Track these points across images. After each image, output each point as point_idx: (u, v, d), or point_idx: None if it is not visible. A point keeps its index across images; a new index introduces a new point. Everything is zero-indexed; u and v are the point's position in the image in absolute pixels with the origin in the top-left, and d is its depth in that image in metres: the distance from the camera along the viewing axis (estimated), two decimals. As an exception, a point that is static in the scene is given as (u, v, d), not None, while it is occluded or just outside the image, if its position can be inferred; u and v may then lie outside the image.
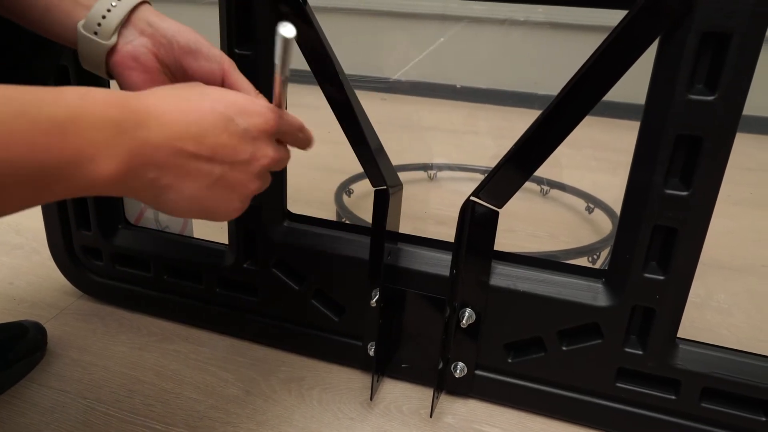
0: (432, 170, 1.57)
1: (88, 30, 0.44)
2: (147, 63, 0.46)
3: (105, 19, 0.44)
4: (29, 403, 0.69)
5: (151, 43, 0.46)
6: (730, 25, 0.49)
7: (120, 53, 0.45)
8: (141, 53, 0.46)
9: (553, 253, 1.07)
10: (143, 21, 0.46)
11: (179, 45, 0.47)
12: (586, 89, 0.55)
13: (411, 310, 0.71)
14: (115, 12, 0.45)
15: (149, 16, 0.46)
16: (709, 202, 0.55)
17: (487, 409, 0.71)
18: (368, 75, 2.45)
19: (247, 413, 0.69)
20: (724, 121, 0.52)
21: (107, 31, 0.44)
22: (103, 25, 0.44)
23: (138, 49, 0.45)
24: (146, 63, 0.46)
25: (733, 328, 0.90)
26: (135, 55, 0.45)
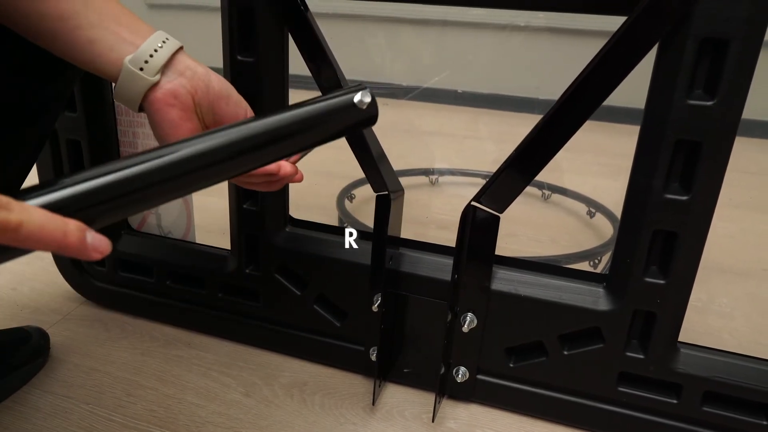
0: (433, 175, 1.57)
1: (134, 65, 0.47)
2: (185, 101, 0.49)
3: (152, 57, 0.48)
4: (32, 409, 0.69)
5: (190, 84, 0.49)
6: (728, 31, 0.49)
7: (162, 89, 0.48)
8: (181, 92, 0.49)
9: (555, 258, 1.07)
10: (182, 64, 0.49)
11: (214, 90, 0.51)
12: (586, 94, 0.55)
13: (413, 315, 0.71)
14: (162, 52, 0.48)
15: (188, 61, 0.50)
16: (709, 206, 0.56)
17: (489, 414, 0.71)
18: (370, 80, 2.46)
19: (249, 418, 0.69)
20: (723, 125, 0.52)
21: (154, 68, 0.48)
22: (150, 63, 0.47)
23: (178, 89, 0.49)
24: (185, 101, 0.49)
25: (734, 332, 0.90)
26: (176, 93, 0.49)
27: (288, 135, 0.40)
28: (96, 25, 0.47)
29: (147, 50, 0.48)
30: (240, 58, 0.66)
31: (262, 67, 0.66)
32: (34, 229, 0.28)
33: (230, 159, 0.37)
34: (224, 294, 0.80)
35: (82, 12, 0.47)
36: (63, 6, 0.46)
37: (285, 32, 0.65)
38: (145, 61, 0.47)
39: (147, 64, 0.48)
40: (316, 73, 0.65)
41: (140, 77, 0.48)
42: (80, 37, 0.47)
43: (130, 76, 0.48)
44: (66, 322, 0.86)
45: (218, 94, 0.51)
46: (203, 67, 0.50)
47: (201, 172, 0.36)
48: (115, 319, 0.87)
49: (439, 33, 2.51)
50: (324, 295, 0.75)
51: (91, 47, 0.47)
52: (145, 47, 0.48)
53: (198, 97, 0.50)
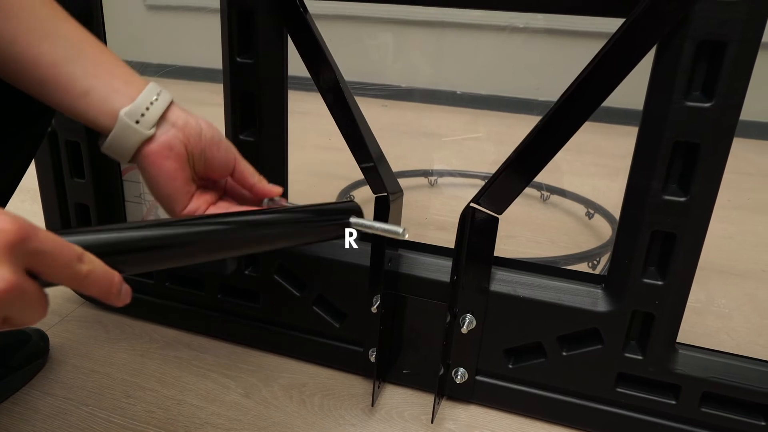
0: (432, 176, 1.57)
1: (130, 118, 0.47)
2: (179, 153, 0.50)
3: (148, 110, 0.48)
4: (31, 410, 0.69)
5: (183, 135, 0.50)
6: (725, 33, 0.50)
7: (157, 142, 0.49)
8: (175, 144, 0.49)
9: (553, 259, 1.07)
10: (175, 115, 0.50)
11: (206, 138, 0.51)
12: (585, 95, 0.56)
13: (412, 316, 0.71)
14: (157, 105, 0.49)
15: (180, 112, 0.50)
16: (707, 207, 0.56)
17: (488, 415, 0.71)
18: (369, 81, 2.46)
19: (248, 420, 0.69)
20: (721, 127, 0.53)
21: (150, 121, 0.48)
22: (147, 116, 0.48)
23: (173, 140, 0.49)
24: (179, 153, 0.50)
25: (732, 333, 0.91)
26: (171, 146, 0.49)
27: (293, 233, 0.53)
28: (90, 74, 0.47)
29: (143, 103, 0.48)
30: (239, 59, 0.66)
31: (261, 68, 0.66)
32: (95, 278, 0.35)
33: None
34: (223, 295, 0.80)
35: (76, 59, 0.47)
36: (58, 52, 0.46)
37: (284, 34, 0.65)
38: (142, 114, 0.48)
39: (143, 117, 0.48)
40: (315, 75, 0.65)
41: (136, 130, 0.48)
42: (74, 86, 0.47)
43: (126, 129, 0.48)
44: (65, 323, 0.86)
45: (209, 141, 0.51)
46: (194, 117, 0.51)
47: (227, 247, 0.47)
48: (114, 321, 0.87)
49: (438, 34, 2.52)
50: (323, 296, 0.75)
51: (85, 98, 0.47)
52: (141, 100, 0.48)
53: (190, 147, 0.50)
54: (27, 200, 1.31)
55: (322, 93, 0.65)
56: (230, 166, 0.54)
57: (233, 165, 0.54)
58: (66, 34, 0.47)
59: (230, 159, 0.54)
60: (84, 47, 0.48)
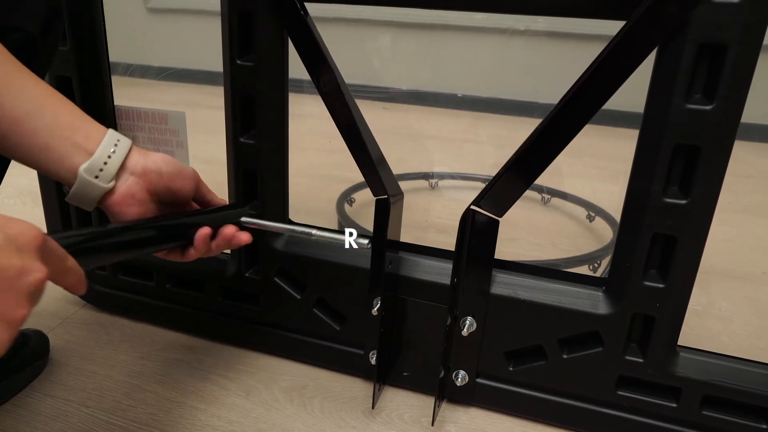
0: (433, 179, 1.57)
1: (89, 174, 0.49)
2: (141, 198, 0.52)
3: (106, 164, 0.50)
4: (32, 412, 0.69)
5: (143, 180, 0.52)
6: (725, 36, 0.50)
7: (119, 193, 0.51)
8: (136, 191, 0.52)
9: (554, 262, 1.07)
10: (133, 162, 0.51)
11: (168, 174, 0.53)
12: (585, 98, 0.56)
13: (412, 319, 0.71)
14: (115, 158, 0.50)
15: (137, 158, 0.52)
16: (708, 210, 0.56)
17: (489, 417, 0.71)
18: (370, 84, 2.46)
19: (249, 422, 0.69)
20: (722, 130, 0.53)
21: (108, 175, 0.50)
22: (105, 170, 0.50)
23: (133, 188, 0.51)
24: (141, 198, 0.52)
25: (733, 336, 0.91)
26: (132, 193, 0.51)
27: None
28: (52, 130, 0.48)
29: (101, 158, 0.49)
30: (240, 62, 0.66)
31: (261, 71, 0.66)
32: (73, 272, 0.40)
33: None
34: (224, 298, 0.80)
35: (37, 114, 0.47)
36: (20, 107, 0.47)
37: (284, 36, 0.65)
38: (100, 170, 0.49)
39: (102, 172, 0.49)
40: (315, 78, 0.65)
41: (96, 185, 0.49)
42: (35, 142, 0.48)
43: (86, 185, 0.49)
44: (66, 325, 0.86)
45: (171, 176, 0.54)
46: (151, 159, 0.53)
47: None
48: (115, 323, 0.87)
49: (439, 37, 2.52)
50: (323, 299, 0.75)
51: (46, 154, 0.48)
52: (98, 155, 0.49)
53: (152, 188, 0.53)
54: (28, 203, 1.31)
55: (322, 95, 0.65)
56: (193, 192, 0.57)
57: (195, 190, 0.57)
58: (28, 89, 0.48)
59: (192, 186, 0.57)
60: (45, 102, 0.48)
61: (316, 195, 1.45)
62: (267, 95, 0.68)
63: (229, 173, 0.73)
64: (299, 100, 0.85)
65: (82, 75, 0.74)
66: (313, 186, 1.51)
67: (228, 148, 0.71)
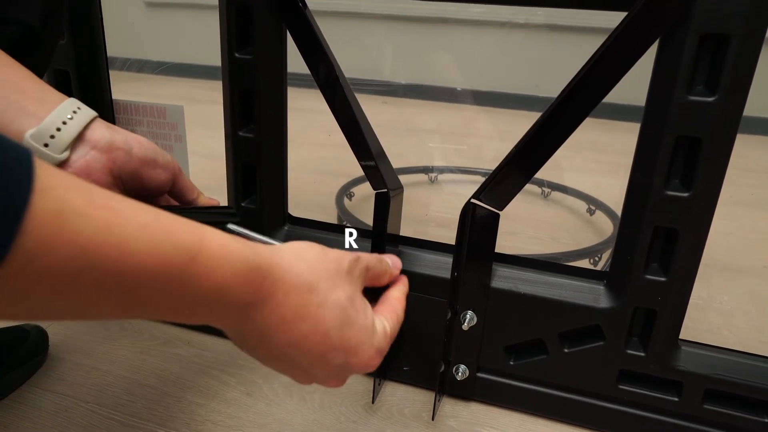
0: (433, 173, 1.57)
1: (37, 141, 0.42)
2: (101, 179, 0.44)
3: (59, 131, 0.42)
4: (32, 407, 0.69)
5: (106, 158, 0.44)
6: (728, 26, 0.49)
7: (72, 168, 0.43)
8: (94, 168, 0.44)
9: (555, 255, 1.07)
10: (97, 134, 0.44)
11: (137, 156, 0.46)
12: (586, 91, 0.55)
13: (412, 313, 0.71)
14: (71, 126, 0.43)
15: (102, 131, 0.45)
16: (709, 203, 0.55)
17: (489, 412, 0.71)
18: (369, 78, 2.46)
19: (249, 417, 0.69)
20: (724, 122, 0.52)
21: (60, 144, 0.42)
22: (57, 138, 0.42)
23: (91, 164, 0.44)
24: (100, 179, 0.44)
25: (735, 330, 0.90)
26: (88, 171, 0.44)
27: None
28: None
29: (53, 123, 0.42)
30: (238, 55, 0.66)
31: (260, 64, 0.66)
32: None
33: None
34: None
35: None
36: None
37: (283, 30, 0.65)
38: (51, 136, 0.42)
39: (53, 140, 0.42)
40: (314, 71, 0.65)
41: (44, 155, 0.42)
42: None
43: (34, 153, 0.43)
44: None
45: (142, 160, 0.47)
46: (122, 134, 0.46)
47: None
48: (114, 318, 0.87)
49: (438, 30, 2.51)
50: (323, 294, 0.75)
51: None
52: (50, 120, 0.42)
53: (117, 169, 0.45)
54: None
55: (321, 89, 0.65)
56: (167, 185, 0.50)
57: (170, 183, 0.50)
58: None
59: (166, 178, 0.50)
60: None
61: (315, 189, 1.44)
62: (266, 89, 0.67)
63: (228, 168, 0.73)
64: (298, 94, 0.85)
65: (80, 69, 0.74)
66: (313, 180, 1.51)
67: (227, 142, 0.71)
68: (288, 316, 0.36)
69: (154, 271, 0.28)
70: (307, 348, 0.38)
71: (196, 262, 0.30)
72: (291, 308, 0.36)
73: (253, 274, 0.34)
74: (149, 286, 0.29)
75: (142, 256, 0.28)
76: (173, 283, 0.30)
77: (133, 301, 0.29)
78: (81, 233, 0.25)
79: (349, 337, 0.40)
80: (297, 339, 0.37)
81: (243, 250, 0.34)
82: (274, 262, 0.36)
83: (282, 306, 0.36)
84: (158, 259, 0.29)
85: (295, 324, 0.37)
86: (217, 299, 0.32)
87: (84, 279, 0.26)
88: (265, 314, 0.35)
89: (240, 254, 0.33)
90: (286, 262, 0.37)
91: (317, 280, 0.38)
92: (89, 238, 0.26)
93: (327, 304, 0.38)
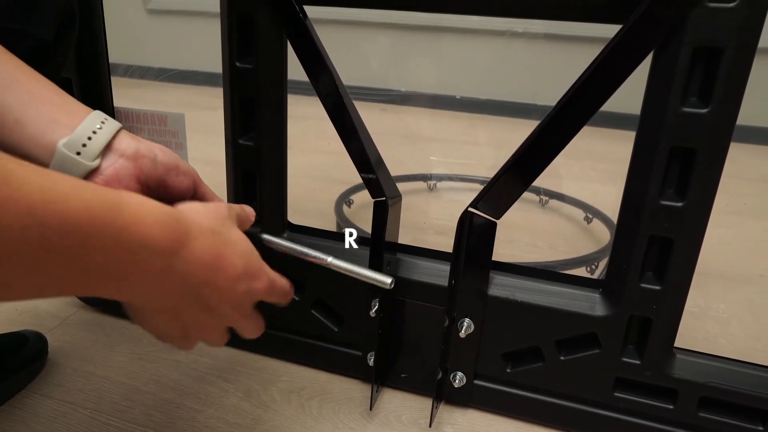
0: (431, 181, 1.58)
1: (70, 149, 0.44)
2: (130, 186, 0.47)
3: (90, 140, 0.45)
4: (30, 413, 0.69)
5: (133, 165, 0.47)
6: (721, 39, 0.50)
7: (103, 175, 0.45)
8: (123, 175, 0.46)
9: (552, 264, 1.07)
10: (124, 144, 0.47)
11: (162, 163, 0.49)
12: (583, 100, 0.56)
13: (410, 320, 0.72)
14: (101, 135, 0.45)
15: (128, 140, 0.47)
16: (704, 212, 0.56)
17: (486, 419, 0.71)
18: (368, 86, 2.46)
19: (247, 423, 0.69)
20: (717, 133, 0.53)
21: (92, 153, 0.45)
22: (89, 147, 0.44)
23: (120, 172, 0.46)
24: (128, 184, 0.46)
25: (730, 338, 0.91)
26: (118, 178, 0.46)
27: None
28: (26, 104, 0.43)
29: (84, 132, 0.44)
30: (239, 64, 0.67)
31: (261, 73, 0.66)
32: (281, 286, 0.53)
33: None
34: (222, 299, 0.80)
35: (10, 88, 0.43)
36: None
37: (284, 39, 0.66)
38: (83, 145, 0.44)
39: (85, 148, 0.44)
40: (314, 80, 0.65)
41: (77, 162, 0.44)
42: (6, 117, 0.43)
43: (65, 162, 0.44)
44: (65, 326, 0.86)
45: (166, 167, 0.49)
46: (145, 143, 0.48)
47: None
48: (113, 324, 0.87)
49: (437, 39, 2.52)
50: (322, 300, 0.75)
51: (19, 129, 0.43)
52: (81, 129, 0.44)
53: (144, 176, 0.48)
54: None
55: (321, 97, 0.66)
56: (189, 192, 0.52)
57: (192, 190, 0.53)
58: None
59: (188, 184, 0.52)
60: (18, 76, 0.44)
61: (314, 196, 1.45)
62: (266, 97, 0.68)
63: (228, 174, 0.73)
64: (298, 101, 0.85)
65: (82, 76, 0.74)
66: (312, 187, 1.51)
67: (227, 149, 0.72)
68: (203, 256, 0.41)
69: (90, 227, 0.33)
70: (220, 282, 0.43)
71: (123, 214, 0.35)
72: (203, 249, 0.41)
73: (171, 221, 0.39)
74: (87, 245, 0.33)
75: (80, 213, 0.32)
76: (108, 237, 0.34)
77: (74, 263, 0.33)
78: (28, 195, 0.30)
79: (250, 264, 0.47)
80: (211, 276, 0.42)
81: (156, 203, 0.39)
82: (182, 214, 0.41)
83: (196, 249, 0.41)
84: (92, 214, 0.33)
85: (209, 262, 0.42)
86: (145, 250, 0.37)
87: (31, 238, 0.30)
88: (184, 259, 0.40)
89: (156, 206, 0.38)
90: (188, 214, 0.42)
91: (215, 225, 0.44)
92: (35, 199, 0.30)
93: (229, 242, 0.45)
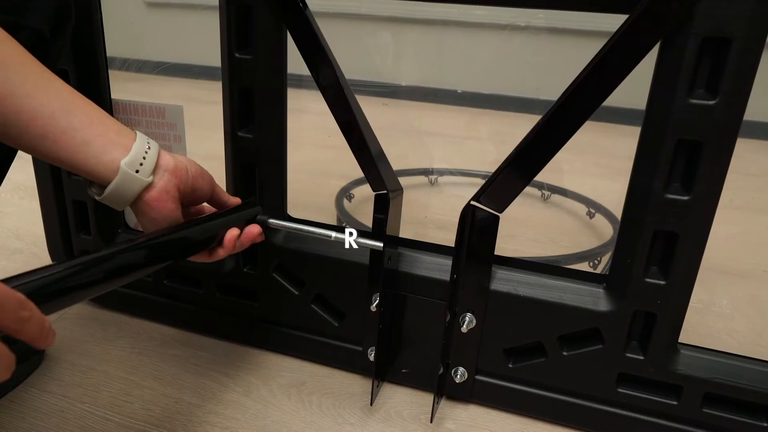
0: (433, 175, 1.57)
1: (131, 168, 0.50)
2: (174, 195, 0.53)
3: (145, 159, 0.51)
4: (28, 408, 0.68)
5: (175, 177, 0.53)
6: (730, 30, 0.49)
7: (156, 188, 0.52)
8: (170, 187, 0.53)
9: (554, 258, 1.06)
10: (165, 161, 0.53)
11: (192, 173, 0.56)
12: (586, 94, 0.55)
13: (411, 315, 0.71)
14: (152, 153, 0.52)
15: (167, 157, 0.54)
16: (710, 207, 0.55)
17: (488, 415, 0.71)
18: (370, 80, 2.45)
19: (246, 418, 0.68)
20: (725, 125, 0.52)
21: (148, 170, 0.51)
22: (145, 165, 0.51)
23: (167, 184, 0.53)
24: (173, 195, 0.53)
25: (734, 334, 0.90)
26: (167, 189, 0.53)
27: None
28: (87, 126, 0.48)
29: (140, 152, 0.50)
30: (238, 55, 0.66)
31: (260, 64, 0.66)
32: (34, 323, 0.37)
33: None
34: (221, 293, 0.80)
35: (72, 112, 0.48)
36: (55, 104, 0.47)
37: (284, 30, 0.65)
38: (140, 164, 0.50)
39: (142, 167, 0.50)
40: (315, 72, 0.65)
41: (137, 179, 0.50)
42: (73, 138, 0.48)
43: (128, 179, 0.50)
44: (62, 320, 0.85)
45: (195, 175, 0.56)
46: (177, 159, 0.55)
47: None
48: (111, 318, 0.86)
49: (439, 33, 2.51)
50: (322, 295, 0.75)
51: (85, 149, 0.48)
52: (137, 150, 0.50)
53: (182, 185, 0.54)
54: (25, 197, 1.30)
55: (322, 90, 0.65)
56: (209, 194, 0.59)
57: (211, 191, 0.60)
58: (58, 87, 0.48)
59: (210, 188, 0.59)
60: (76, 100, 0.49)
61: (315, 190, 1.44)
62: (266, 89, 0.67)
63: (227, 168, 0.72)
64: (298, 95, 0.84)
65: (80, 69, 0.74)
66: (312, 181, 1.50)
67: (226, 142, 0.71)
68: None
69: None
70: None
71: None
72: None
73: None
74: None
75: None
76: None
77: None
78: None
79: None
80: None
81: None
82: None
83: None
84: None
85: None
86: None
87: None
88: None
89: None
90: None
91: None
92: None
93: None
